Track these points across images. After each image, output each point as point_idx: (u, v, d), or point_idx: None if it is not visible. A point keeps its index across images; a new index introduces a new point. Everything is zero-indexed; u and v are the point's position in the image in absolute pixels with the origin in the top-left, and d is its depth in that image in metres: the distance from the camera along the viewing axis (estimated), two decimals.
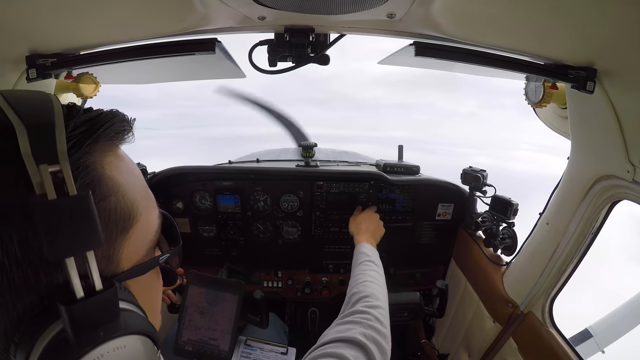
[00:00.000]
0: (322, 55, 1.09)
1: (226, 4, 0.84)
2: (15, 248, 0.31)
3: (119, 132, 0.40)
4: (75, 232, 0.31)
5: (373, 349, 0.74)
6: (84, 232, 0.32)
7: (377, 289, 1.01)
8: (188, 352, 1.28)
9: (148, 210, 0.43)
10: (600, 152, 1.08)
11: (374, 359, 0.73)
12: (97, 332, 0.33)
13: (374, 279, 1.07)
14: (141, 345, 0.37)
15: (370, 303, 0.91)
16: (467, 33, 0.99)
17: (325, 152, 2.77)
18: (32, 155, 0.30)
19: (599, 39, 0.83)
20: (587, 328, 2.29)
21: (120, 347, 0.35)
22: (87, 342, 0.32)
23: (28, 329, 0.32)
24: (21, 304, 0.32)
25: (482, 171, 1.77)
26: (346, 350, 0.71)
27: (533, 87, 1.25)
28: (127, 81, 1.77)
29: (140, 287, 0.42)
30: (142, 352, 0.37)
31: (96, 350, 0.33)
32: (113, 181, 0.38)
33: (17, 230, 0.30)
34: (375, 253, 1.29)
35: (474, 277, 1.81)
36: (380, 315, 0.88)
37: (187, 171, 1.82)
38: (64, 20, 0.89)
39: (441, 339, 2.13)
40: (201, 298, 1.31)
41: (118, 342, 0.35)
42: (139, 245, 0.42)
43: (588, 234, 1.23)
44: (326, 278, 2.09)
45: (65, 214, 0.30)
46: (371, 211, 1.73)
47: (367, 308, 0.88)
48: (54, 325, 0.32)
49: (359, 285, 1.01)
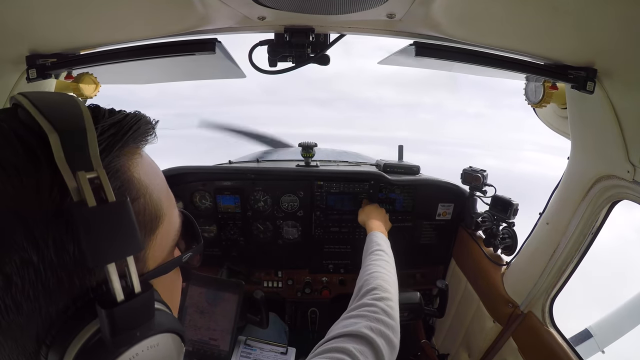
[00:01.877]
0: (322, 55, 1.09)
1: (226, 4, 0.84)
2: (51, 253, 0.30)
3: (144, 134, 0.40)
4: (117, 238, 0.32)
5: (380, 342, 0.73)
6: (126, 238, 0.32)
7: (387, 280, 0.98)
8: (188, 352, 1.28)
9: (171, 210, 0.43)
10: (600, 152, 1.08)
11: (381, 352, 0.72)
12: (133, 332, 0.33)
13: (383, 270, 1.05)
14: (172, 343, 0.38)
15: (377, 295, 0.90)
16: (467, 33, 0.99)
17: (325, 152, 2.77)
18: (66, 161, 0.30)
19: (599, 39, 0.83)
20: (587, 328, 2.29)
21: (154, 346, 0.36)
22: (123, 342, 0.33)
23: (62, 331, 0.32)
24: (54, 308, 0.32)
25: (482, 171, 1.77)
26: (351, 344, 0.70)
27: (533, 87, 1.25)
28: (127, 81, 1.77)
29: (163, 285, 0.42)
30: (173, 349, 0.38)
31: (131, 350, 0.33)
32: (141, 183, 0.38)
33: (53, 236, 0.30)
34: (387, 242, 1.27)
35: (474, 277, 1.81)
36: (388, 307, 0.86)
37: (187, 171, 1.82)
38: (64, 20, 0.89)
39: (441, 339, 2.13)
40: (201, 298, 1.31)
41: (151, 341, 0.35)
42: (164, 245, 0.42)
43: (588, 234, 1.23)
44: (326, 278, 2.09)
45: (106, 221, 0.31)
46: (377, 205, 1.76)
47: (374, 300, 0.87)
48: (89, 327, 0.32)
49: (368, 277, 0.99)
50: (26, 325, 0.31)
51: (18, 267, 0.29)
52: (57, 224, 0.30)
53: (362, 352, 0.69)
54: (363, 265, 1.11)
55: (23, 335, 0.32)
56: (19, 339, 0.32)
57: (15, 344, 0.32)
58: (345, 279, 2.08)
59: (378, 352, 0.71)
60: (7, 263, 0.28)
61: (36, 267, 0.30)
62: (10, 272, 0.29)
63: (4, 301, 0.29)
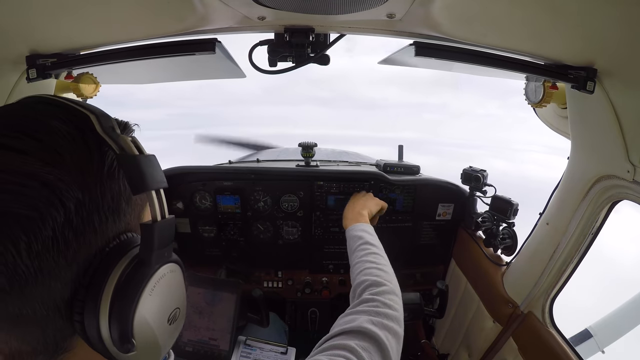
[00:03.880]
0: (322, 55, 1.09)
1: (226, 4, 0.84)
2: (98, 195, 0.39)
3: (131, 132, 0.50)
4: (154, 174, 0.43)
5: (383, 335, 0.72)
6: (159, 175, 0.44)
7: (379, 275, 0.96)
8: (188, 352, 1.28)
9: None
10: (601, 152, 1.08)
11: (385, 345, 0.70)
12: (163, 252, 0.44)
13: (373, 264, 1.02)
14: (179, 271, 0.49)
15: (375, 290, 0.89)
16: (467, 33, 0.99)
17: (325, 152, 2.77)
18: (104, 132, 0.41)
19: (599, 39, 0.83)
20: (587, 328, 2.29)
21: (172, 271, 0.46)
22: (157, 260, 0.43)
23: (102, 264, 0.40)
24: (94, 247, 0.40)
25: (482, 171, 1.77)
26: (353, 341, 0.69)
27: (533, 87, 1.25)
28: (127, 81, 1.77)
29: None
30: (181, 278, 0.49)
31: (162, 269, 0.44)
32: None
33: (97, 182, 0.40)
34: (366, 229, 1.19)
35: (474, 277, 1.81)
36: (388, 299, 0.85)
37: (187, 171, 1.82)
38: (64, 20, 0.90)
39: (441, 339, 2.13)
40: (199, 298, 1.31)
41: (171, 266, 0.46)
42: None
43: (588, 234, 1.23)
44: (326, 278, 2.09)
45: (147, 163, 0.42)
46: (359, 194, 1.63)
47: (373, 295, 0.86)
48: (126, 257, 0.41)
49: (359, 276, 0.98)
50: (68, 265, 0.37)
51: (75, 205, 0.37)
52: (101, 175, 0.40)
53: (366, 349, 0.68)
54: (351, 265, 1.07)
55: (63, 277, 0.37)
56: (54, 286, 0.37)
57: (48, 292, 0.37)
58: (345, 279, 2.07)
59: (382, 346, 0.70)
60: (69, 199, 0.36)
61: (87, 207, 0.38)
62: (70, 207, 0.36)
63: (63, 234, 0.36)
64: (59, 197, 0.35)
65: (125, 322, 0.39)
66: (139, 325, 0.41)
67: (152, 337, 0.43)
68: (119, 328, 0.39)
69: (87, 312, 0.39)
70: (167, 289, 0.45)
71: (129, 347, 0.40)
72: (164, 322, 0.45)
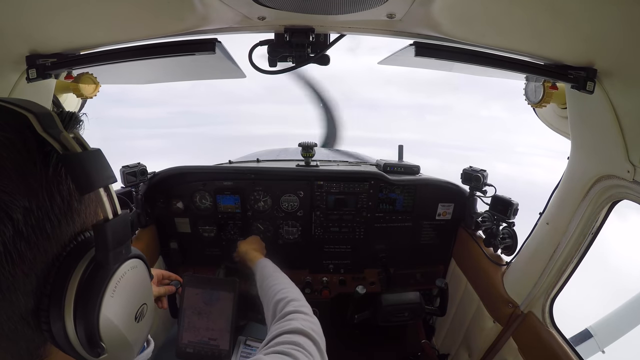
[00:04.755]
0: (322, 55, 1.09)
1: (226, 4, 0.84)
2: (46, 200, 0.37)
3: (79, 123, 0.48)
4: (100, 171, 0.41)
5: (316, 336, 0.81)
6: (106, 171, 0.42)
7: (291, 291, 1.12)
8: (189, 354, 1.28)
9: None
10: (600, 152, 1.08)
11: (319, 344, 0.80)
12: (120, 250, 0.43)
13: (284, 284, 1.15)
14: (144, 267, 0.49)
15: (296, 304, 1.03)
16: (466, 33, 0.99)
17: (325, 152, 2.78)
18: (44, 131, 0.38)
19: (599, 39, 0.83)
20: (587, 328, 2.29)
21: (134, 267, 0.46)
22: (115, 260, 0.42)
23: (60, 271, 0.39)
24: (51, 253, 0.39)
25: (483, 171, 1.77)
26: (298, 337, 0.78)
27: (533, 87, 1.25)
28: (127, 81, 1.77)
29: None
30: (146, 273, 0.49)
31: (122, 268, 0.43)
32: None
33: (45, 187, 0.37)
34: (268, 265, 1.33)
35: (474, 277, 1.81)
36: (302, 307, 1.02)
37: (187, 171, 1.82)
38: (64, 20, 0.90)
39: (441, 339, 2.13)
40: (197, 299, 1.31)
41: (131, 263, 0.45)
42: None
43: (588, 234, 1.23)
44: (326, 278, 2.08)
45: (91, 160, 0.41)
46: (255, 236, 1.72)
47: (293, 308, 1.00)
48: (84, 260, 0.40)
49: (278, 294, 1.09)
50: (26, 276, 0.36)
51: (23, 214, 0.35)
52: (46, 178, 0.38)
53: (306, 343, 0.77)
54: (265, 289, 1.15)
55: (22, 289, 0.36)
56: (16, 299, 0.36)
57: (10, 306, 0.36)
58: (345, 279, 2.08)
59: (315, 343, 0.79)
60: (14, 209, 0.34)
61: (35, 214, 0.36)
62: (18, 218, 0.35)
63: (15, 247, 0.34)
64: (4, 209, 0.34)
65: (90, 327, 0.39)
66: (106, 328, 0.41)
67: (121, 337, 0.43)
68: (85, 334, 0.39)
69: (53, 321, 0.38)
70: (130, 287, 0.45)
71: (99, 351, 0.40)
72: (131, 320, 0.45)
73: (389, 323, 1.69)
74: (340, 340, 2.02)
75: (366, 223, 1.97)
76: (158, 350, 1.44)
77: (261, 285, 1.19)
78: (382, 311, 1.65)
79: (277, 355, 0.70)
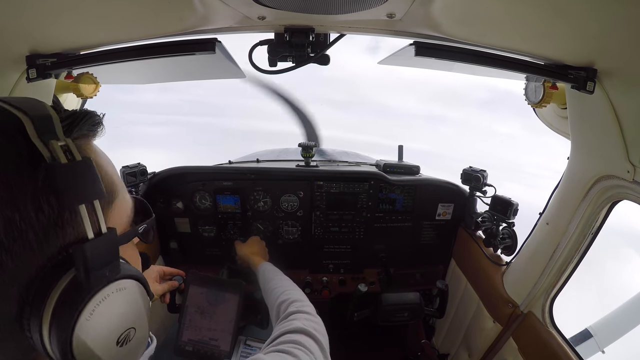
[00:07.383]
0: (322, 55, 1.09)
1: (226, 4, 0.84)
2: (30, 212, 0.36)
3: (95, 125, 0.46)
4: (85, 185, 0.39)
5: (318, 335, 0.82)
6: (92, 185, 0.40)
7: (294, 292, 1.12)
8: (188, 352, 1.28)
9: (124, 191, 0.51)
10: (600, 152, 1.08)
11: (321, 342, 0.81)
12: (103, 272, 0.40)
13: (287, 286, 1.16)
14: (137, 288, 0.45)
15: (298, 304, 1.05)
16: (467, 33, 0.99)
17: (325, 152, 2.78)
18: (37, 137, 0.37)
19: (599, 39, 0.83)
20: (587, 328, 2.29)
21: (122, 289, 0.42)
22: (96, 282, 0.39)
23: (41, 284, 0.37)
24: (34, 265, 0.37)
25: (482, 171, 1.78)
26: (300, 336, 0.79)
27: (533, 87, 1.25)
28: (127, 81, 1.77)
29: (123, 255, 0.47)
30: (139, 294, 0.45)
31: (103, 291, 0.40)
32: (96, 162, 0.44)
33: (31, 198, 0.36)
34: (270, 269, 1.35)
35: (474, 277, 1.81)
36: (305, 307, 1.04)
37: (187, 171, 1.82)
38: (64, 20, 0.89)
39: (441, 339, 2.13)
40: (202, 298, 1.31)
41: (119, 284, 0.42)
42: (121, 218, 0.49)
43: (588, 234, 1.23)
44: (326, 278, 2.09)
45: (76, 173, 0.38)
46: (255, 237, 1.74)
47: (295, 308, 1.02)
48: (65, 277, 0.38)
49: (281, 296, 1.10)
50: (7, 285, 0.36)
51: (3, 225, 0.34)
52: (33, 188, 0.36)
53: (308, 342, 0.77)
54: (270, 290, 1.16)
55: (5, 296, 0.36)
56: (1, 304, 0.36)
57: None
58: (345, 279, 2.08)
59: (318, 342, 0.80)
60: None
61: (18, 225, 0.35)
62: None
63: None
64: None
65: (63, 347, 0.37)
66: (80, 351, 0.38)
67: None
68: (59, 351, 0.37)
69: (33, 330, 0.38)
70: (113, 310, 0.41)
71: None
72: (111, 345, 0.42)
73: (389, 322, 1.69)
74: (340, 341, 2.02)
75: (366, 223, 1.97)
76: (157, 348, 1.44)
77: (264, 288, 1.21)
78: (382, 310, 1.65)
79: (278, 354, 0.70)
